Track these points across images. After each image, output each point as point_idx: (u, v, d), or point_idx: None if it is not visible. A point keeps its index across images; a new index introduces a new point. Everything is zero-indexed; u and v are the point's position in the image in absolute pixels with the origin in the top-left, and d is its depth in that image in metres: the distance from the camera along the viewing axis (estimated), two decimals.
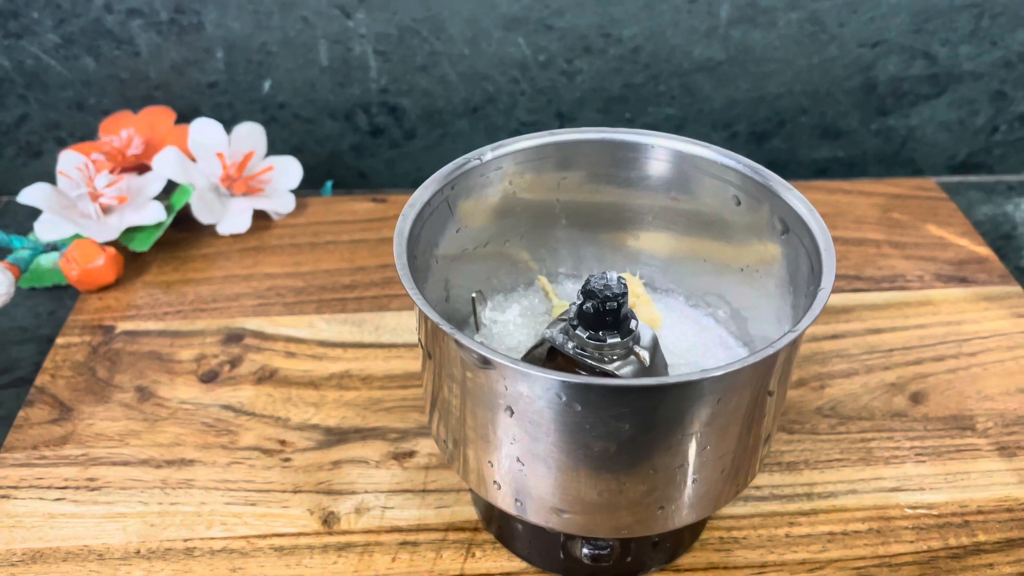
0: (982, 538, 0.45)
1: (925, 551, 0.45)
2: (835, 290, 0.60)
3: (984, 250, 0.65)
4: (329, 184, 0.73)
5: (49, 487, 0.47)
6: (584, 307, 0.38)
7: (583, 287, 0.39)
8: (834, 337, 0.57)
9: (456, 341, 0.35)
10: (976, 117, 0.75)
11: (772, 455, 0.50)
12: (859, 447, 0.50)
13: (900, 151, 0.76)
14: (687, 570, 0.44)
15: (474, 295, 0.47)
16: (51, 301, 0.61)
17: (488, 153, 0.44)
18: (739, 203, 0.44)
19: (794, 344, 0.36)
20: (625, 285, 0.39)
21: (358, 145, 0.74)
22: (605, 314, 0.38)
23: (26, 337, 0.59)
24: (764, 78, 0.72)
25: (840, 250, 0.64)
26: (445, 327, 0.35)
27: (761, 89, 0.73)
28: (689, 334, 0.47)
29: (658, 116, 0.73)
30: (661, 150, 0.45)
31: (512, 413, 0.36)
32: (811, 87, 0.73)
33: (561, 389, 0.34)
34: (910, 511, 0.47)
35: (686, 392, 0.34)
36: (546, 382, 0.34)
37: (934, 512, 0.47)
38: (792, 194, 0.41)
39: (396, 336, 0.57)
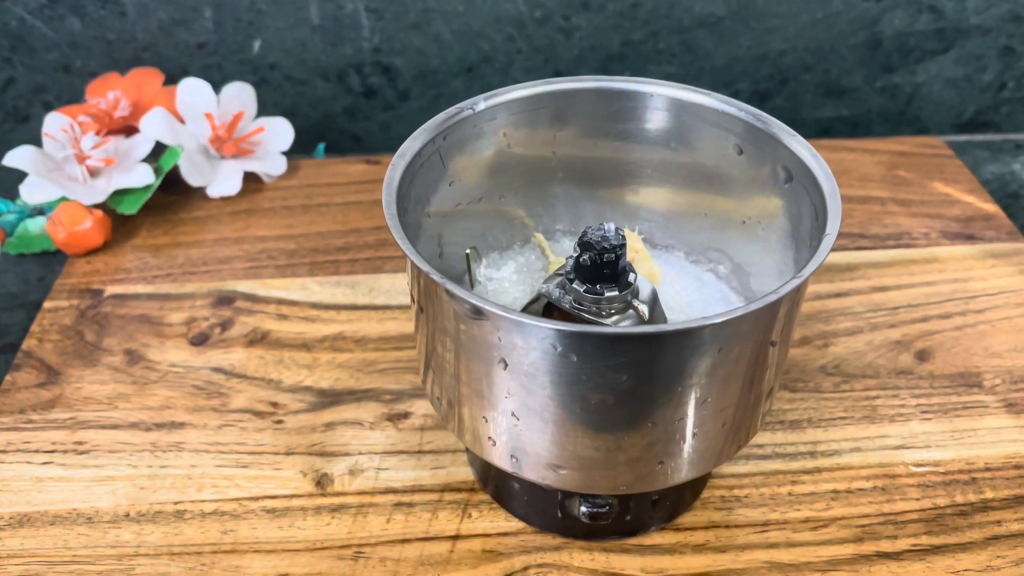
0: (990, 495, 0.44)
1: (931, 508, 0.44)
2: (839, 248, 0.59)
3: (991, 207, 0.63)
4: (321, 146, 0.71)
5: (36, 451, 0.47)
6: (581, 259, 0.37)
7: (580, 238, 0.37)
8: (838, 295, 0.56)
9: (448, 291, 0.34)
10: (983, 74, 0.73)
11: (775, 413, 0.49)
12: (863, 405, 0.49)
13: (906, 109, 0.75)
14: (688, 529, 0.43)
15: (468, 252, 0.45)
16: (40, 267, 0.60)
17: (481, 103, 0.43)
18: (740, 152, 0.43)
19: (797, 292, 0.35)
20: (623, 236, 0.37)
21: (351, 107, 0.72)
22: (603, 266, 0.37)
23: (15, 303, 0.58)
24: (766, 34, 0.70)
25: (844, 208, 0.62)
26: (436, 276, 0.34)
27: (763, 46, 0.71)
28: (689, 290, 0.46)
29: (658, 74, 0.72)
30: (660, 98, 0.44)
31: (506, 366, 0.34)
32: (815, 43, 0.71)
33: (556, 339, 0.33)
34: (916, 469, 0.46)
35: (686, 341, 0.33)
36: (540, 331, 0.33)
37: (940, 470, 0.46)
38: (795, 140, 0.40)
39: (390, 298, 0.56)
